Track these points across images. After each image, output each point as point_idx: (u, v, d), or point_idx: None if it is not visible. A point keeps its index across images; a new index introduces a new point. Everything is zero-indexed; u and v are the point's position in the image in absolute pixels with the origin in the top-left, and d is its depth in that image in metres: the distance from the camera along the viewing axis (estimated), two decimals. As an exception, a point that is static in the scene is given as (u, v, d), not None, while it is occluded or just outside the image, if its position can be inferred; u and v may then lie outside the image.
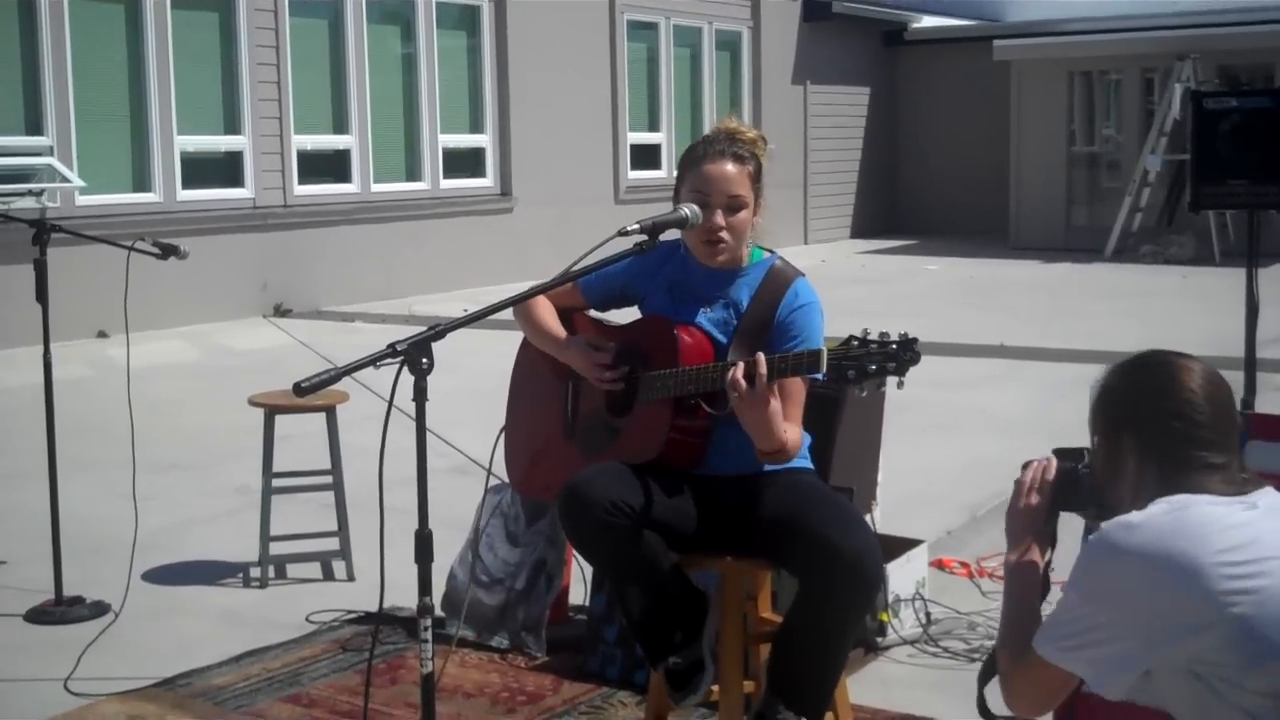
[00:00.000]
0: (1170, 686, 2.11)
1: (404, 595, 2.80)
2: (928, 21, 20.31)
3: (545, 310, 3.52)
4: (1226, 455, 2.17)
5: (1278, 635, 2.01)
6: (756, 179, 3.33)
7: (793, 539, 3.07)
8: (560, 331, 3.48)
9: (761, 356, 3.01)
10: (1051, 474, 2.39)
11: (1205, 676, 2.06)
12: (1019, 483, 2.42)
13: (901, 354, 2.86)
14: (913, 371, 2.88)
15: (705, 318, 3.32)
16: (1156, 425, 2.18)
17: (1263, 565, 2.03)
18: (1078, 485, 2.36)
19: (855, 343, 2.90)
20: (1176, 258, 15.68)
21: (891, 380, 2.87)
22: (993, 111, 18.58)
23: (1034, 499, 2.39)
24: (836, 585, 3.01)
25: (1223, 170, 5.82)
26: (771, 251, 3.42)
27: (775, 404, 3.04)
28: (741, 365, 3.02)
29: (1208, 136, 5.84)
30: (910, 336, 2.88)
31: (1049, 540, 2.40)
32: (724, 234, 3.29)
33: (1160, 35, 16.84)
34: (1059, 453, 2.41)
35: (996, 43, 17.97)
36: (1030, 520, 2.39)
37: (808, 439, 3.33)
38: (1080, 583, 2.14)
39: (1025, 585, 2.37)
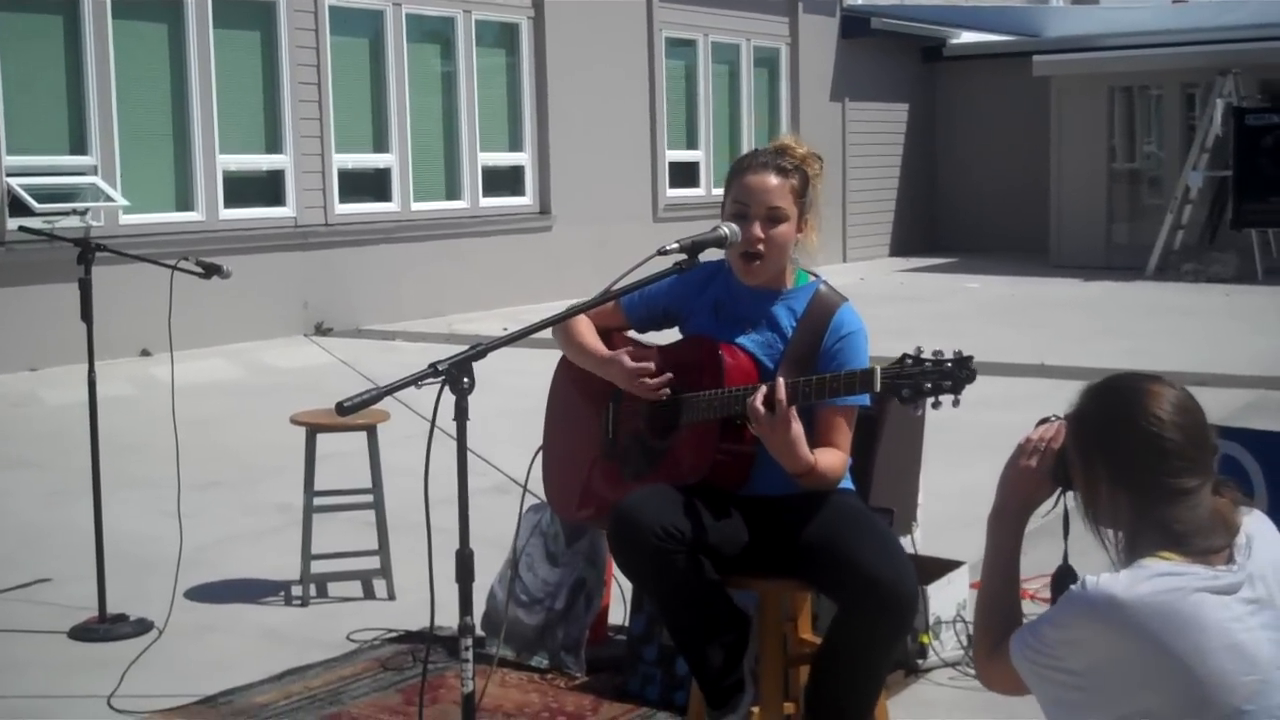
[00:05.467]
0: None
1: (445, 614, 2.80)
2: (967, 37, 20.25)
3: (585, 328, 3.48)
4: (1199, 478, 2.13)
5: None
6: (801, 194, 3.30)
7: (828, 565, 3.05)
8: (602, 348, 3.43)
9: (781, 382, 3.00)
10: (1057, 444, 2.32)
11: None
12: (1026, 440, 2.35)
13: (957, 371, 2.83)
14: (954, 391, 2.86)
15: (749, 340, 3.29)
16: (1124, 453, 2.15)
17: (1253, 687, 2.01)
18: None
19: (909, 361, 2.87)
20: (1219, 276, 15.53)
21: (947, 398, 2.83)
22: (1032, 128, 18.50)
23: (1033, 462, 2.33)
24: (870, 613, 3.00)
25: (1265, 187, 5.74)
26: (816, 275, 3.40)
27: (797, 428, 3.02)
28: (761, 392, 3.00)
29: (1249, 153, 5.76)
30: (965, 354, 2.85)
31: (1045, 495, 2.33)
32: (761, 246, 3.25)
33: (1201, 50, 16.72)
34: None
35: (1036, 58, 17.90)
36: (1023, 483, 2.34)
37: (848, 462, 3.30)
38: (1059, 625, 2.11)
39: (1004, 551, 2.32)
